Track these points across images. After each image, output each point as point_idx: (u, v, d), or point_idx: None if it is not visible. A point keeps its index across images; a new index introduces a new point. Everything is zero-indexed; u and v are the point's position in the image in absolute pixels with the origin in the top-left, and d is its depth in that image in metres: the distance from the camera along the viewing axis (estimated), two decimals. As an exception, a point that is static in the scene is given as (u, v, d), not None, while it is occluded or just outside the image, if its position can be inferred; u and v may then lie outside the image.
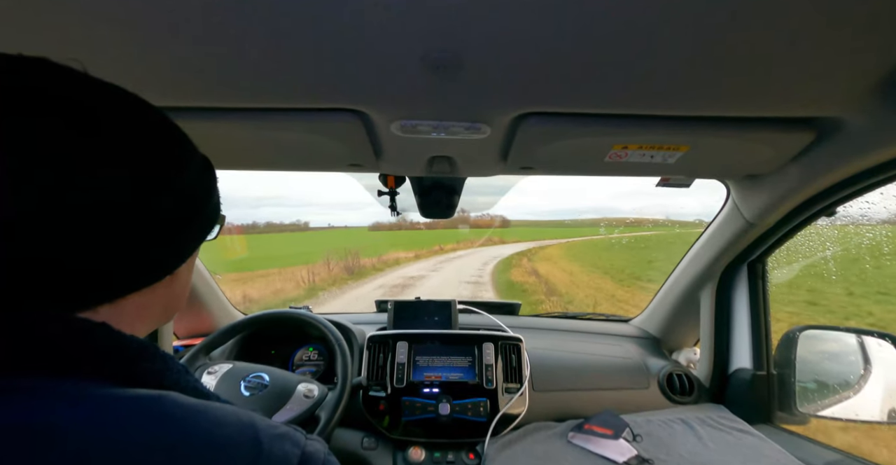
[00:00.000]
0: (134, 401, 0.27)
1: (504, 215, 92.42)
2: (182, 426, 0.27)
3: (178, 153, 0.34)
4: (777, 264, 1.12)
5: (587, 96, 0.54)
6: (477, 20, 0.39)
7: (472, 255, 24.66)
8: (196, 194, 0.35)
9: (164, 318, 0.39)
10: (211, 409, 0.30)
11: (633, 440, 0.93)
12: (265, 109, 0.58)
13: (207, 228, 0.38)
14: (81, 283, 0.29)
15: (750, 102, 0.55)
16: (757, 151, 0.70)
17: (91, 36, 0.41)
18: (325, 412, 0.81)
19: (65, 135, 0.26)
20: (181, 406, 0.29)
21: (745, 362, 1.07)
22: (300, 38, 0.41)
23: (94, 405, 0.26)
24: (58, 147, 0.26)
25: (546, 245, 34.29)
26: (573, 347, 1.22)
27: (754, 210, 0.90)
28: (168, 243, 0.33)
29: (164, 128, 0.33)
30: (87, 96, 0.28)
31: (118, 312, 0.32)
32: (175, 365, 0.33)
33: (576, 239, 42.62)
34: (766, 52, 0.44)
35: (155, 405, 0.28)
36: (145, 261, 0.32)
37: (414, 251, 27.35)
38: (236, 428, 0.29)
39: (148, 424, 0.26)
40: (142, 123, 0.31)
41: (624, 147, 0.68)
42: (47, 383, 0.26)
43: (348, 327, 1.06)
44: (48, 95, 0.27)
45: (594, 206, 50.14)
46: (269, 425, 0.32)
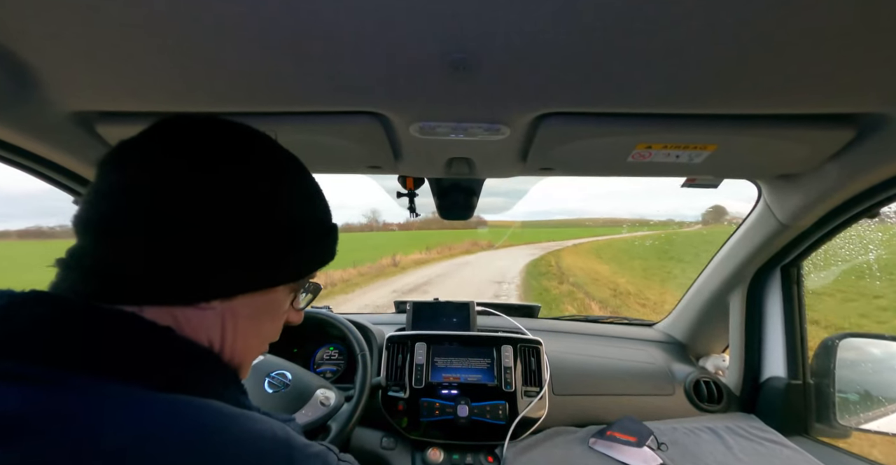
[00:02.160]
0: (178, 407, 0.28)
1: (480, 216, 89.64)
2: (216, 435, 0.28)
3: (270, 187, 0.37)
4: (815, 268, 1.06)
5: (609, 95, 0.52)
6: (496, 21, 0.39)
7: (456, 271, 15.88)
8: (286, 224, 0.37)
9: (259, 338, 0.40)
10: (250, 421, 0.30)
11: (657, 448, 0.91)
12: (285, 112, 0.59)
13: (275, 272, 0.38)
14: (167, 285, 0.33)
15: (784, 98, 0.52)
16: (791, 150, 0.66)
17: (124, 46, 0.44)
18: (336, 424, 0.82)
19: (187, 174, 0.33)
20: (219, 415, 0.29)
21: (778, 371, 1.02)
22: (319, 42, 0.42)
23: (145, 408, 0.27)
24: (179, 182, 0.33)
25: (556, 248, 26.97)
26: (594, 350, 1.20)
27: (788, 212, 0.85)
28: (261, 262, 0.36)
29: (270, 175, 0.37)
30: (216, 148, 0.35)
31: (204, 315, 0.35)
32: (226, 376, 0.34)
33: (584, 240, 37.09)
34: (802, 45, 0.42)
35: (192, 410, 0.29)
36: (183, 276, 0.33)
37: (366, 266, 17.16)
38: (271, 443, 0.30)
39: (183, 429, 0.27)
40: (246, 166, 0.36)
41: (648, 147, 0.66)
42: (103, 383, 0.28)
43: (368, 328, 1.07)
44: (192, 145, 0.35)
45: (566, 207, 48.59)
46: (304, 443, 0.32)
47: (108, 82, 0.50)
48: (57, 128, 0.59)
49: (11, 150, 0.61)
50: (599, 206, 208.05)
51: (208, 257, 0.33)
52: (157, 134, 0.35)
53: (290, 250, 0.38)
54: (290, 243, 0.37)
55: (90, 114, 0.59)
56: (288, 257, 0.38)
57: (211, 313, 0.35)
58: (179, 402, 0.29)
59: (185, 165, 0.33)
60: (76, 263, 0.33)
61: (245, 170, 0.35)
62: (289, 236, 0.37)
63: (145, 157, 0.34)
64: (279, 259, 0.37)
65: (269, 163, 0.38)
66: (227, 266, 0.34)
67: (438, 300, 1.27)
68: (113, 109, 0.58)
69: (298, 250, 0.39)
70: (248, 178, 0.35)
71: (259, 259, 0.36)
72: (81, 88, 0.52)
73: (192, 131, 0.36)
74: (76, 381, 0.27)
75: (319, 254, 0.41)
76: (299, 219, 0.39)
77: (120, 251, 0.32)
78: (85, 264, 0.32)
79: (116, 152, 0.35)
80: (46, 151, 0.63)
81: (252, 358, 0.42)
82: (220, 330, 0.35)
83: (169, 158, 0.34)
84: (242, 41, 0.42)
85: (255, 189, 0.35)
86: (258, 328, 0.39)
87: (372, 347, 1.01)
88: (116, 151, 0.35)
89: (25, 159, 0.64)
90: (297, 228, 0.38)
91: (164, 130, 0.36)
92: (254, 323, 0.38)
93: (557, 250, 25.39)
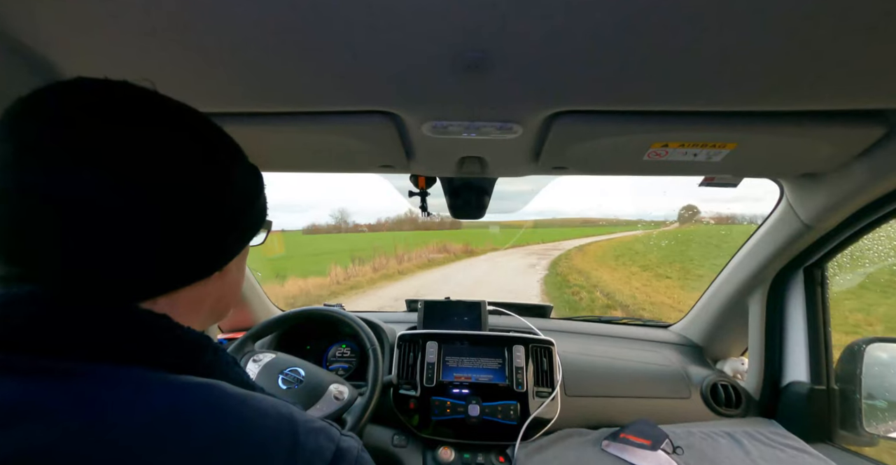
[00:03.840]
0: (186, 388, 0.30)
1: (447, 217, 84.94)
2: (228, 414, 0.29)
3: (227, 162, 0.36)
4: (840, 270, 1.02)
5: (624, 93, 0.51)
6: (509, 18, 0.39)
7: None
8: (243, 199, 0.37)
9: (216, 314, 0.42)
10: (255, 400, 0.31)
11: (672, 452, 0.89)
12: (299, 112, 0.60)
13: (253, 230, 0.40)
14: (146, 275, 0.32)
15: (809, 94, 0.51)
16: (815, 148, 0.64)
17: (144, 48, 0.45)
18: (351, 417, 0.83)
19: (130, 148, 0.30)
20: (228, 396, 0.31)
21: (800, 375, 0.98)
22: (333, 42, 0.43)
23: (154, 390, 0.29)
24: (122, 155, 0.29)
25: (557, 252, 20.13)
26: (608, 352, 1.18)
27: (812, 211, 0.82)
28: (217, 242, 0.35)
29: (213, 136, 0.36)
30: (156, 112, 0.33)
31: (172, 303, 0.34)
32: (225, 357, 0.35)
33: (584, 241, 29.28)
34: (830, 38, 0.40)
35: (205, 392, 0.30)
36: (197, 257, 0.34)
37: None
38: (276, 419, 0.31)
39: (199, 409, 0.29)
40: (193, 133, 0.34)
41: (664, 145, 0.65)
42: (111, 369, 0.29)
43: (379, 326, 1.08)
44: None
45: (538, 208, 45.57)
46: (307, 419, 0.33)
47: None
48: None
49: None
50: (570, 206, 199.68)
51: (199, 238, 0.34)
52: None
53: (252, 215, 0.39)
54: (252, 210, 0.39)
55: None
56: (252, 223, 0.40)
57: (207, 288, 0.37)
58: (192, 385, 0.30)
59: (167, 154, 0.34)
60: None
61: (188, 142, 0.34)
62: (249, 197, 0.39)
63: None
64: (248, 227, 0.39)
65: (204, 132, 0.36)
66: (211, 243, 0.35)
67: (450, 299, 1.27)
68: None
69: (257, 215, 0.40)
70: (195, 149, 0.34)
71: (238, 229, 0.38)
72: None
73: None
74: (90, 368, 0.28)
75: (264, 213, 0.42)
76: (248, 182, 0.39)
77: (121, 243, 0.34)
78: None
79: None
80: None
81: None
82: (216, 297, 0.39)
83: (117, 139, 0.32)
84: (257, 42, 0.43)
85: (206, 158, 0.34)
86: (237, 282, 0.43)
87: (383, 345, 1.02)
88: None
89: None
90: (251, 188, 0.39)
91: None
92: (236, 281, 0.43)
93: (561, 254, 18.27)
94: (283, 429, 0.31)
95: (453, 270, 14.97)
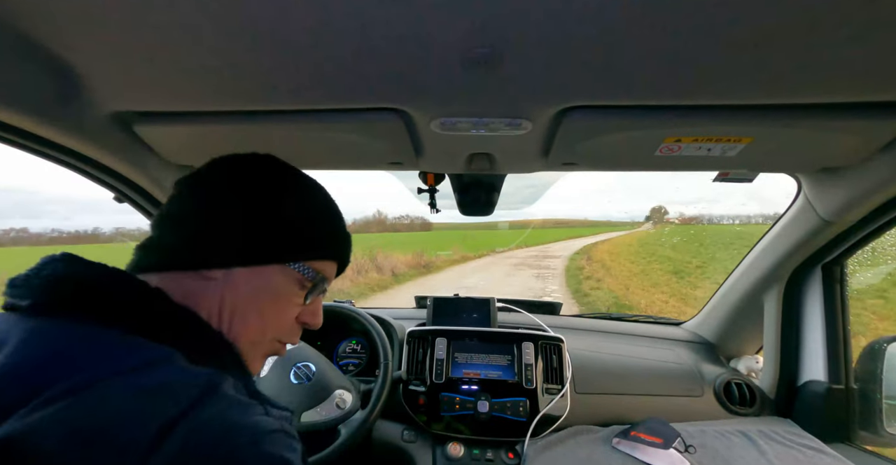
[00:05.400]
0: (134, 346, 0.34)
1: (424, 217, 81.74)
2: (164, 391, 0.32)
3: (260, 195, 0.44)
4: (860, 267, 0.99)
5: (636, 88, 0.51)
6: (518, 14, 0.38)
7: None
8: (257, 221, 0.43)
9: (234, 334, 0.42)
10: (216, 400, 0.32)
11: (685, 451, 0.88)
12: (308, 110, 0.60)
13: (260, 252, 0.44)
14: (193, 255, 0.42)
15: (829, 86, 0.49)
16: (835, 142, 0.62)
17: (162, 50, 0.46)
18: (346, 430, 0.83)
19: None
20: (179, 373, 0.33)
21: (818, 374, 0.96)
22: (342, 39, 0.43)
23: (103, 345, 0.33)
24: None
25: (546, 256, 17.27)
26: (618, 349, 1.17)
27: (831, 207, 0.80)
28: (213, 239, 0.42)
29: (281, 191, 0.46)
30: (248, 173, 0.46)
31: (172, 280, 0.41)
32: (217, 346, 0.40)
33: (575, 242, 25.17)
34: (853, 26, 0.39)
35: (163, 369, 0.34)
36: (197, 242, 0.42)
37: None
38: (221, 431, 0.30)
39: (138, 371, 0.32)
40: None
41: (677, 140, 0.63)
42: (80, 320, 0.34)
43: (389, 322, 1.09)
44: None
45: (505, 211, 42.93)
46: (266, 430, 0.32)
47: (146, 84, 0.53)
48: (99, 128, 0.63)
49: (58, 149, 0.65)
50: (535, 207, 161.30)
51: (207, 234, 0.42)
52: (206, 166, 0.48)
53: (279, 238, 0.44)
54: (279, 233, 0.44)
55: (129, 114, 0.63)
56: (278, 244, 0.44)
57: (213, 285, 0.41)
58: (141, 345, 0.34)
59: (203, 176, 0.46)
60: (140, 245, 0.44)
61: (246, 184, 0.45)
62: (278, 228, 0.44)
63: (191, 174, 0.47)
64: (270, 244, 0.44)
65: (277, 178, 0.47)
66: (223, 240, 0.42)
67: (459, 296, 1.27)
68: (150, 109, 0.61)
69: (288, 240, 0.45)
70: (255, 182, 0.45)
71: (253, 240, 0.43)
72: (122, 90, 0.55)
73: (224, 162, 0.47)
74: (60, 320, 0.33)
75: (311, 249, 0.47)
76: (294, 221, 0.45)
77: (159, 231, 0.43)
78: (141, 244, 0.44)
79: (181, 178, 0.48)
80: (89, 150, 0.67)
81: (254, 343, 0.44)
82: (218, 302, 0.41)
83: (206, 170, 0.47)
84: (269, 42, 0.43)
85: (258, 189, 0.44)
86: (257, 308, 0.44)
87: (393, 341, 1.02)
88: (183, 177, 0.48)
89: (70, 158, 0.69)
90: (289, 226, 0.45)
91: (211, 163, 0.48)
92: (253, 303, 0.43)
93: (570, 265, 14.24)
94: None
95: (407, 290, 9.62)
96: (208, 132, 0.67)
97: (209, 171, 0.46)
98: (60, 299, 0.35)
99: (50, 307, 0.34)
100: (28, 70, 0.48)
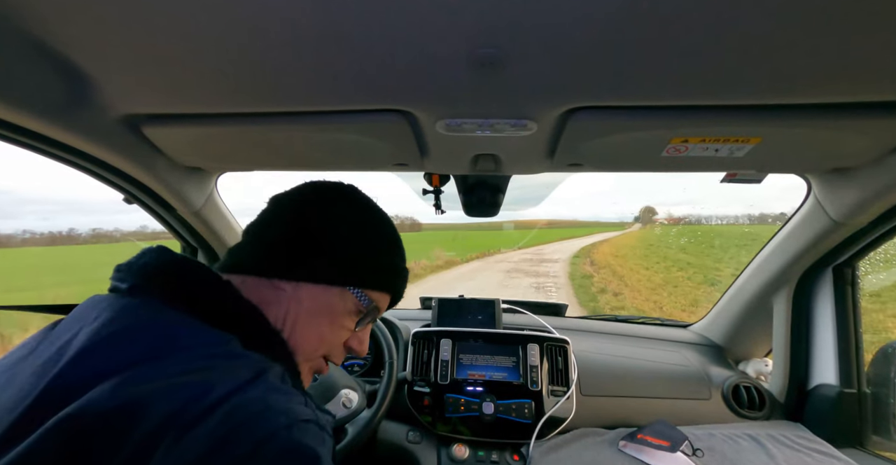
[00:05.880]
0: (195, 328, 0.39)
1: (414, 218, 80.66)
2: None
3: (336, 220, 0.50)
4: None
5: (642, 88, 0.50)
6: (523, 14, 0.38)
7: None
8: (329, 245, 0.48)
9: (295, 341, 0.46)
10: (262, 390, 0.35)
11: (692, 455, 0.87)
12: (313, 112, 0.61)
13: (327, 274, 0.48)
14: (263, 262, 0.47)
15: (840, 86, 0.48)
16: (846, 142, 0.61)
17: (171, 53, 0.46)
18: (353, 428, 0.83)
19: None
20: (230, 355, 0.38)
21: (829, 378, 0.95)
22: (347, 41, 0.43)
23: (167, 324, 0.38)
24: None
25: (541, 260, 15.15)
26: (624, 351, 1.16)
27: (842, 208, 0.79)
28: (285, 255, 0.47)
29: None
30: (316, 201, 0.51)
31: (243, 283, 0.45)
32: (272, 342, 0.43)
33: (562, 244, 22.97)
34: (865, 23, 0.38)
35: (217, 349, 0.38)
36: (266, 255, 0.47)
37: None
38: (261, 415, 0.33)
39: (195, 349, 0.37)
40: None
41: (684, 141, 0.63)
42: (160, 304, 0.39)
43: (394, 323, 1.09)
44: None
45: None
46: (300, 419, 0.34)
47: (156, 87, 0.54)
48: (109, 130, 0.64)
49: (68, 151, 0.66)
50: (527, 209, 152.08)
51: (285, 249, 0.47)
52: (295, 189, 0.53)
53: (347, 263, 0.48)
54: (347, 259, 0.48)
55: (139, 117, 0.63)
56: (344, 268, 0.48)
57: (283, 295, 0.46)
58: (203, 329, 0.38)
59: (292, 195, 0.51)
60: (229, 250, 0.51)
61: (327, 209, 0.50)
62: (346, 254, 0.49)
63: (284, 193, 0.53)
64: (337, 267, 0.48)
65: (355, 208, 0.52)
66: (298, 257, 0.47)
67: (463, 297, 1.27)
68: (159, 111, 0.62)
69: (354, 267, 0.49)
70: (334, 209, 0.50)
71: (322, 262, 0.47)
72: (132, 93, 0.56)
73: (313, 186, 0.53)
74: (148, 300, 0.39)
75: (372, 278, 0.51)
76: (362, 251, 0.50)
77: (247, 238, 0.50)
78: (231, 248, 0.51)
79: (275, 195, 0.53)
80: (99, 152, 0.68)
81: (308, 358, 0.48)
82: (284, 310, 0.46)
83: (296, 190, 0.52)
84: (276, 44, 0.44)
85: (335, 216, 0.49)
86: (316, 324, 0.47)
87: (398, 342, 1.03)
88: (276, 194, 0.53)
89: (80, 159, 0.70)
90: (357, 254, 0.49)
91: (299, 187, 0.53)
92: (312, 318, 0.47)
93: (573, 272, 12.40)
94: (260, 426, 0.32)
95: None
96: (215, 134, 0.67)
97: (298, 191, 0.52)
98: (151, 283, 0.41)
99: (143, 290, 0.40)
100: (40, 74, 0.49)
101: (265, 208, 0.52)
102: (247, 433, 0.30)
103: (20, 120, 0.55)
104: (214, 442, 0.29)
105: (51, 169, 20.47)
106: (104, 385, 0.30)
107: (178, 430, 0.29)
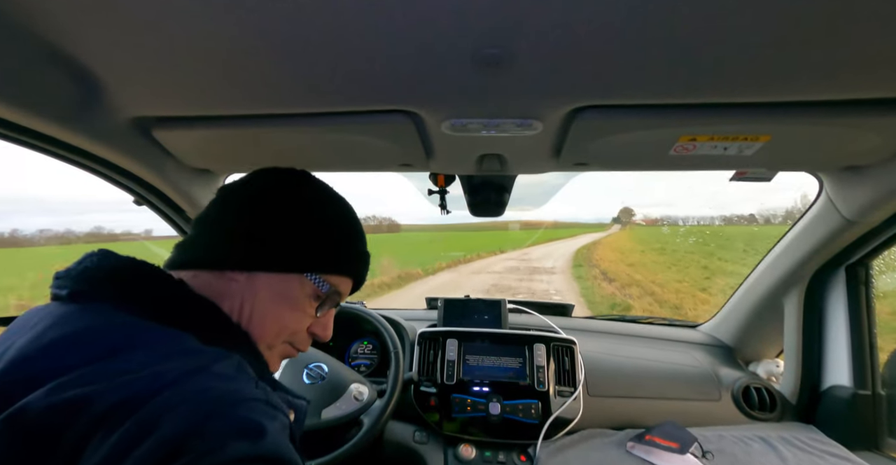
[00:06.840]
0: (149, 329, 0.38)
1: (392, 218, 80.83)
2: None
3: (285, 206, 0.48)
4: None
5: (649, 86, 0.50)
6: (528, 14, 0.38)
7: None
8: (283, 231, 0.47)
9: (256, 333, 0.45)
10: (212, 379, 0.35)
11: (702, 456, 0.86)
12: (320, 113, 0.61)
13: (282, 260, 0.47)
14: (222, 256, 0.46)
15: (848, 83, 0.47)
16: (859, 139, 0.60)
17: (180, 56, 0.47)
18: (368, 419, 0.84)
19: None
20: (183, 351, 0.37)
21: (842, 379, 0.93)
22: (352, 42, 0.43)
23: (121, 327, 0.37)
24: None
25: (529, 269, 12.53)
26: (632, 351, 1.15)
27: (855, 207, 0.78)
28: (235, 244, 0.46)
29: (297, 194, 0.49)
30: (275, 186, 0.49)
31: (195, 277, 0.45)
32: (235, 336, 0.43)
33: (548, 246, 20.46)
34: (878, 18, 0.37)
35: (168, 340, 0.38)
36: (219, 246, 0.46)
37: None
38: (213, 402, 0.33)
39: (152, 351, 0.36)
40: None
41: (692, 139, 0.62)
42: (111, 307, 0.38)
43: (400, 323, 1.09)
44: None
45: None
46: (245, 398, 0.34)
47: (166, 89, 0.54)
48: (119, 133, 0.65)
49: (78, 153, 0.67)
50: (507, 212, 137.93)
51: (235, 240, 0.45)
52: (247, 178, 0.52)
53: (300, 250, 0.47)
54: (300, 245, 0.47)
55: (148, 119, 0.64)
56: (298, 255, 0.47)
57: (235, 285, 0.45)
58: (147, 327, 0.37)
59: (242, 185, 0.50)
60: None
61: (277, 196, 0.48)
62: (300, 241, 0.47)
63: (233, 182, 0.52)
64: (290, 255, 0.47)
65: (307, 192, 0.50)
66: (249, 248, 0.45)
67: (469, 297, 1.27)
68: (168, 113, 0.63)
69: (308, 253, 0.48)
70: (285, 194, 0.48)
71: (274, 250, 0.46)
72: (142, 96, 0.57)
73: (262, 174, 0.52)
74: (96, 306, 0.38)
75: (329, 264, 0.49)
76: (316, 236, 0.48)
77: (195, 231, 0.48)
78: (179, 243, 0.49)
79: (224, 185, 0.52)
80: (109, 154, 0.69)
81: (270, 345, 0.47)
82: (239, 302, 0.45)
83: (245, 179, 0.51)
84: (285, 47, 0.44)
85: (287, 202, 0.48)
86: (275, 312, 0.46)
87: (404, 342, 1.03)
88: (224, 184, 0.51)
89: (90, 162, 0.71)
90: (311, 240, 0.48)
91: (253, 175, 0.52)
92: (271, 307, 0.46)
93: (547, 274, 10.63)
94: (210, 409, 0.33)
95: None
96: (223, 136, 0.68)
97: (248, 180, 0.51)
98: (93, 288, 0.39)
99: (86, 295, 0.39)
100: (52, 77, 0.50)
101: (213, 199, 0.50)
102: (190, 413, 0.30)
103: (34, 124, 0.56)
104: (149, 425, 0.29)
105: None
106: (46, 387, 0.30)
107: (114, 422, 0.29)
